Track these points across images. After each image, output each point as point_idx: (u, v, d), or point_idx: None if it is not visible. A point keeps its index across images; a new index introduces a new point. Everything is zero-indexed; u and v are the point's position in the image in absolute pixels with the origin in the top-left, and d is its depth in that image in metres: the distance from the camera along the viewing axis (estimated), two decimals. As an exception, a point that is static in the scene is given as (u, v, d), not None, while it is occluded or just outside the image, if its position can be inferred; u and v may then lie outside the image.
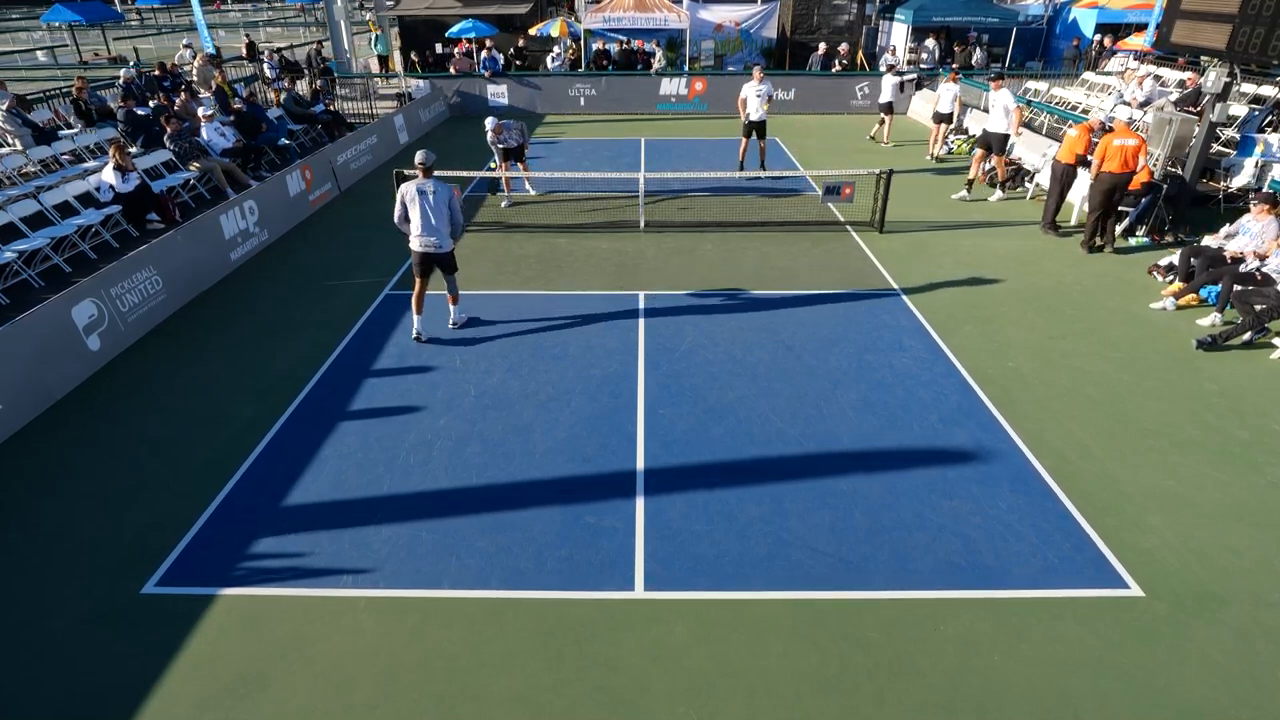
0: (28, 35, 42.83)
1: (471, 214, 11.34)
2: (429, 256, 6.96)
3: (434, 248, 6.89)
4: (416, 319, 7.31)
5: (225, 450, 5.79)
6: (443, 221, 6.85)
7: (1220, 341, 7.18)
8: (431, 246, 6.87)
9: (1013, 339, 7.41)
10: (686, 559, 4.68)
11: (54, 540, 4.91)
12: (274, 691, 3.86)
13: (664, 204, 11.48)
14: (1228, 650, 4.05)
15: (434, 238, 6.85)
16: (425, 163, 6.76)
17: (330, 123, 15.49)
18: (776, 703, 3.78)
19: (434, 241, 6.86)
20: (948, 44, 21.45)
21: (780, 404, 6.32)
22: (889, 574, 4.56)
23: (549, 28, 21.37)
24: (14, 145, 11.59)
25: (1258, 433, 5.94)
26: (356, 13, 37.71)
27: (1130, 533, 4.88)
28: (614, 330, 7.62)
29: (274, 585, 4.52)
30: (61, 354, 6.61)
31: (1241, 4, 8.44)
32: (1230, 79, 9.12)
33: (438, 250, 6.92)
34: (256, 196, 10.11)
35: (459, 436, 5.93)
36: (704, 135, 16.72)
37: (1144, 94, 14.41)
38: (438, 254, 6.96)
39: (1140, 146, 9.06)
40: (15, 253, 8.29)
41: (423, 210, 6.77)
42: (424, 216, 6.79)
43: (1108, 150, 9.07)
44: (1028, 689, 3.83)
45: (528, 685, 3.88)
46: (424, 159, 6.77)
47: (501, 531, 4.93)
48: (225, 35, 37.09)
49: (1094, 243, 9.62)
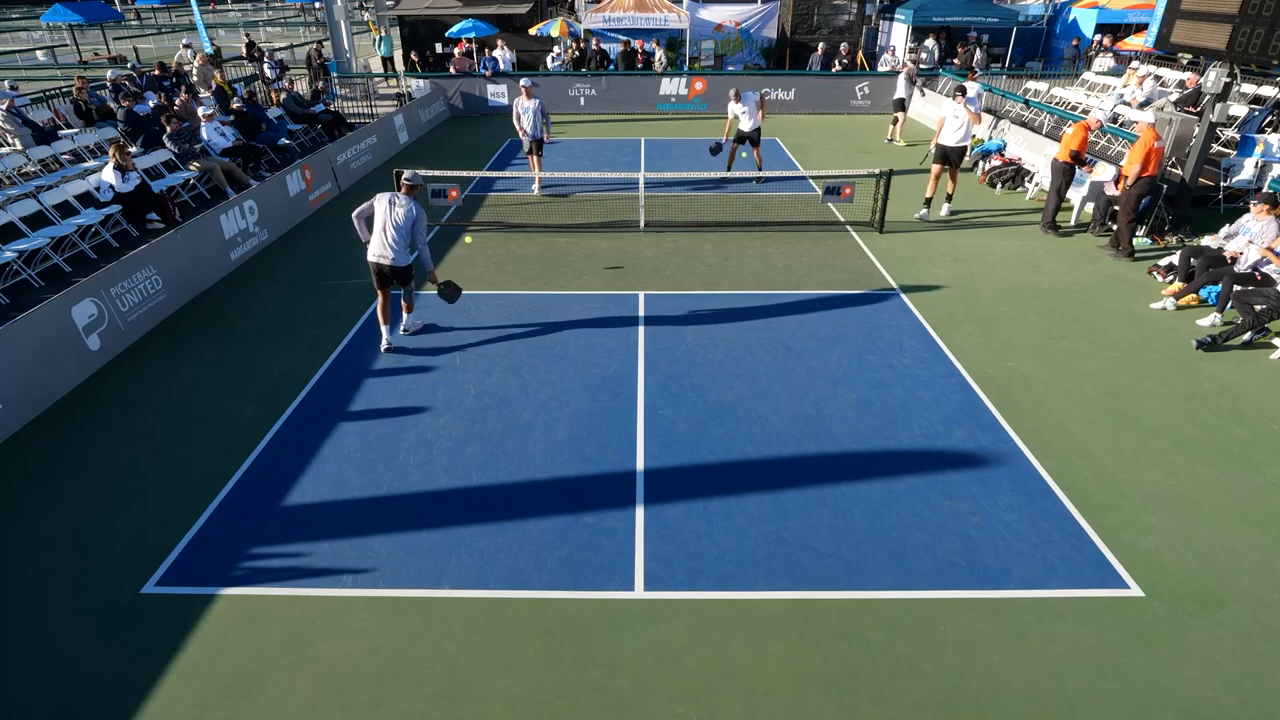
0: (28, 35, 42.82)
1: (471, 213, 11.34)
2: (380, 269, 6.81)
3: (385, 260, 6.73)
4: (384, 329, 7.17)
5: (225, 450, 5.79)
6: (400, 236, 6.69)
7: (1220, 341, 7.18)
8: (383, 259, 6.74)
9: (1013, 339, 7.41)
10: (686, 559, 4.68)
11: (54, 540, 4.91)
12: (274, 691, 3.87)
13: (664, 204, 11.48)
14: (1228, 650, 4.05)
15: (385, 250, 6.70)
16: (410, 180, 6.75)
17: (330, 122, 15.50)
18: (776, 703, 3.78)
19: (384, 255, 6.72)
20: (948, 44, 21.44)
21: (780, 404, 6.32)
22: (889, 574, 4.56)
23: (549, 28, 21.36)
24: (14, 145, 11.60)
25: (1257, 433, 5.94)
26: (356, 13, 37.73)
27: (1130, 533, 4.88)
28: (614, 330, 7.62)
29: (274, 585, 4.52)
30: (61, 354, 6.61)
31: (1241, 4, 8.43)
32: (1230, 79, 9.12)
33: (390, 264, 6.75)
34: (256, 196, 10.11)
35: (459, 436, 5.93)
36: (704, 135, 16.71)
37: (1144, 94, 14.42)
38: (391, 267, 6.78)
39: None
40: (15, 252, 8.28)
41: (383, 221, 6.68)
42: (382, 227, 6.69)
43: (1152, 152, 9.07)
44: (1028, 689, 3.83)
45: (528, 685, 3.89)
46: (410, 176, 6.76)
47: (501, 531, 4.93)
48: (225, 35, 37.08)
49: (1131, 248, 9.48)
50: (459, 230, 10.62)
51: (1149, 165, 9.12)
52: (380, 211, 6.70)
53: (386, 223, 6.67)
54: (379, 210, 6.71)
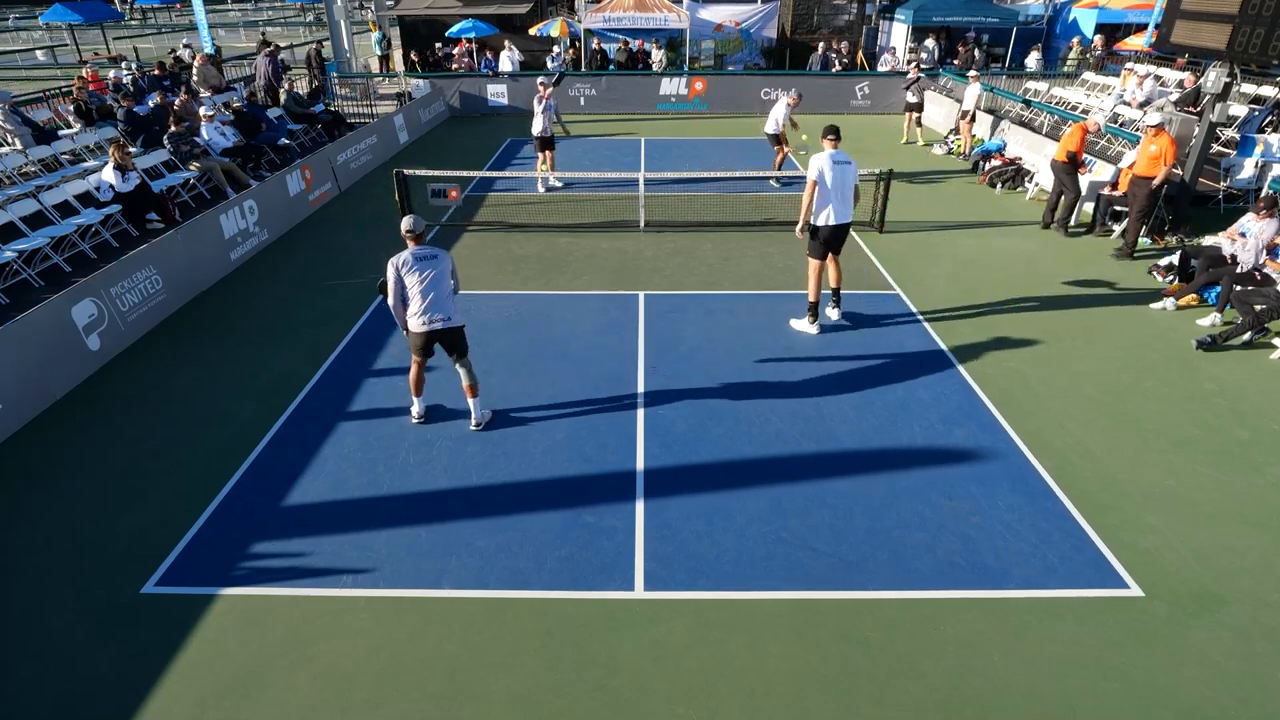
0: (27, 35, 42.81)
1: (472, 213, 11.35)
2: (433, 335, 5.70)
3: (443, 323, 5.64)
4: (416, 400, 6.15)
5: (225, 450, 5.79)
6: (448, 292, 5.67)
7: (1220, 341, 7.18)
8: (440, 322, 5.63)
9: (1013, 339, 7.40)
10: (686, 559, 4.68)
11: (54, 539, 4.91)
12: (274, 691, 3.86)
13: (664, 204, 11.48)
14: (1228, 650, 4.05)
15: (441, 312, 5.62)
16: (414, 229, 5.59)
17: (330, 122, 15.50)
18: (776, 703, 3.78)
19: (442, 317, 5.62)
20: (948, 44, 21.44)
21: (780, 404, 6.32)
22: (889, 574, 4.56)
23: (549, 28, 21.37)
24: (14, 145, 11.60)
25: (1257, 433, 5.94)
26: (356, 12, 37.74)
27: (1130, 532, 4.88)
28: (614, 330, 7.62)
29: (274, 585, 4.52)
30: (61, 354, 6.61)
31: (1241, 4, 8.43)
32: (1230, 79, 9.12)
33: (446, 325, 5.66)
34: (256, 196, 10.11)
35: (459, 436, 5.93)
36: (704, 135, 16.71)
37: (1144, 94, 14.42)
38: (445, 330, 5.68)
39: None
40: (15, 252, 8.29)
41: (424, 282, 5.55)
42: (426, 289, 5.56)
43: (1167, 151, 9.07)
44: (1028, 689, 3.83)
45: (528, 685, 3.88)
46: (412, 225, 5.60)
47: (501, 531, 4.93)
48: (225, 35, 37.07)
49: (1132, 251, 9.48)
50: (459, 230, 10.63)
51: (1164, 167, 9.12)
52: (415, 275, 5.55)
53: (430, 283, 5.56)
54: (407, 278, 5.56)
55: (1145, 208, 9.31)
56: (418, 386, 6.10)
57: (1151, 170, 9.14)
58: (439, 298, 5.60)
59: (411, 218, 5.64)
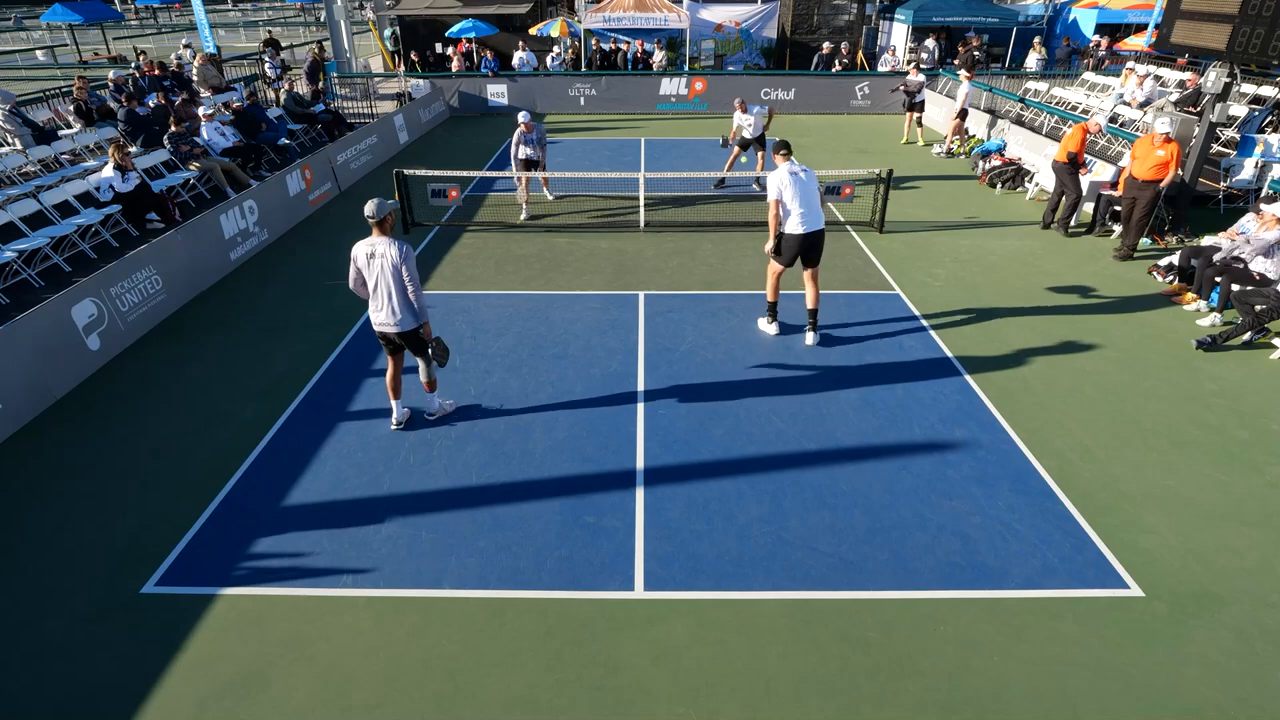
0: (27, 35, 42.81)
1: (472, 213, 11.34)
2: (386, 337, 5.58)
3: (389, 328, 5.46)
4: (394, 405, 5.94)
5: (225, 450, 5.79)
6: (399, 291, 5.35)
7: (1220, 342, 7.18)
8: (386, 325, 5.46)
9: (1012, 339, 7.41)
10: (686, 559, 4.68)
11: (54, 540, 4.91)
12: (274, 691, 3.86)
13: (664, 204, 11.48)
14: (1228, 650, 4.05)
15: (386, 315, 5.41)
16: (375, 215, 5.24)
17: (330, 122, 15.49)
18: (776, 703, 3.78)
19: (387, 322, 5.44)
20: (948, 44, 21.44)
21: (779, 404, 6.32)
22: (889, 574, 4.56)
23: (549, 28, 21.37)
24: (14, 145, 11.59)
25: (1257, 433, 5.94)
26: (356, 12, 37.72)
27: (1130, 533, 4.88)
28: (614, 330, 7.62)
29: (274, 585, 4.52)
30: (61, 354, 6.61)
31: (1241, 4, 8.44)
32: (1230, 79, 9.12)
33: (395, 330, 5.46)
34: (256, 196, 10.11)
35: (459, 436, 5.93)
36: (704, 135, 16.70)
37: (1144, 94, 14.42)
38: (399, 333, 5.48)
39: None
40: (15, 252, 8.28)
41: (374, 279, 5.35)
42: (374, 286, 5.37)
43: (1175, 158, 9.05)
44: (1028, 689, 3.83)
45: (528, 685, 3.88)
46: (373, 211, 5.25)
47: (501, 531, 4.93)
48: (225, 35, 37.06)
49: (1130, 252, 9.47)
50: (459, 231, 10.63)
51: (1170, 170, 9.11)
52: (367, 269, 5.37)
53: (379, 280, 5.34)
54: (365, 270, 5.37)
55: (1147, 212, 9.31)
56: (394, 389, 5.87)
57: (1158, 175, 9.14)
58: (388, 299, 5.36)
59: (373, 202, 5.28)
